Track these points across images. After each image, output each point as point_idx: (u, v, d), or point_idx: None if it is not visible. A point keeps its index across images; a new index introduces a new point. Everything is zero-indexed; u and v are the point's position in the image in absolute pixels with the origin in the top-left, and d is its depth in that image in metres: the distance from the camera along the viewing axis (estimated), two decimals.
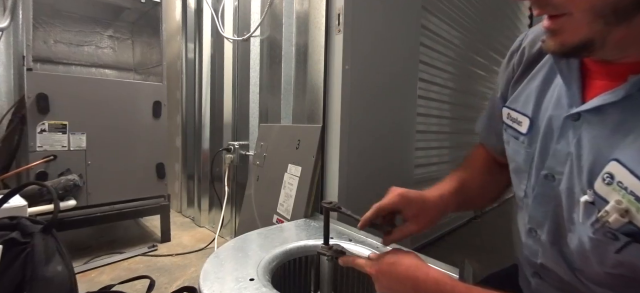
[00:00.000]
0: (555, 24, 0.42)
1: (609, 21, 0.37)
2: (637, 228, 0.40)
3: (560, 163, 0.50)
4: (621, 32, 0.38)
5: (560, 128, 0.50)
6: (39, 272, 0.95)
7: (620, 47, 0.40)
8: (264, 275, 0.74)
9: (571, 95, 0.48)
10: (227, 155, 1.92)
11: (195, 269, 1.66)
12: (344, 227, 1.12)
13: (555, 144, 0.51)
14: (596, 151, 0.44)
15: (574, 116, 0.47)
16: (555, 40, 0.42)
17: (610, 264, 0.44)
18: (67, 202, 1.62)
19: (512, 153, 0.61)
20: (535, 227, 0.56)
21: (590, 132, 0.45)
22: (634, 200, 0.39)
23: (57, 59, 2.21)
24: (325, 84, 1.34)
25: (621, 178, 0.41)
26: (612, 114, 0.43)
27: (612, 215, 0.41)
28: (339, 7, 1.27)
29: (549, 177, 0.51)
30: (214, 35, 2.17)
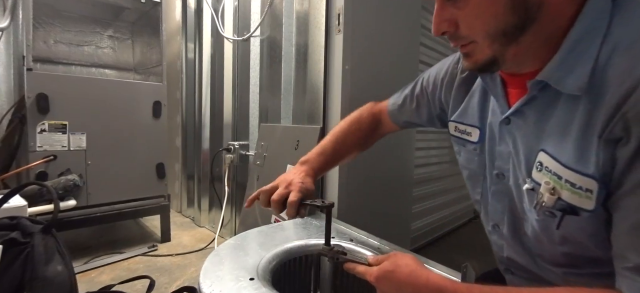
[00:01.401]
0: (466, 50, 0.53)
1: (502, 42, 0.49)
2: (565, 202, 0.48)
3: (505, 162, 0.59)
4: (513, 50, 0.49)
5: (499, 132, 0.59)
6: (39, 272, 0.95)
7: (516, 61, 0.51)
8: (264, 275, 0.74)
9: (500, 104, 0.59)
10: (227, 155, 1.92)
11: (195, 269, 1.66)
12: (346, 226, 1.12)
13: (498, 146, 0.60)
14: (527, 146, 0.54)
15: (505, 121, 0.57)
16: (470, 61, 0.54)
17: (558, 241, 0.52)
18: (67, 202, 1.62)
19: (465, 161, 0.70)
20: (497, 223, 0.64)
21: (519, 132, 0.55)
22: (557, 179, 0.48)
23: (57, 59, 2.21)
24: (325, 84, 1.34)
25: (547, 163, 0.50)
26: (530, 113, 0.53)
27: (545, 195, 0.50)
28: (339, 7, 1.27)
29: (500, 176, 0.61)
30: (214, 35, 2.17)
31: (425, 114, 0.80)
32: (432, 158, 2.09)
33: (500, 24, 0.47)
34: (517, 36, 0.48)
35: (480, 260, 0.60)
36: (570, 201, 0.47)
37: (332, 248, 0.72)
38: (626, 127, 0.41)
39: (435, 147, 2.12)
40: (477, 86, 0.66)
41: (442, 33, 0.53)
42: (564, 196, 0.48)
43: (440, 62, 0.77)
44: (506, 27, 0.47)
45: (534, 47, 0.49)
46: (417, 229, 1.96)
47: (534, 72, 0.51)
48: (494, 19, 0.48)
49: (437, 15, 0.53)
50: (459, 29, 0.52)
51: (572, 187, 0.47)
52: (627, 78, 0.41)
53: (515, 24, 0.47)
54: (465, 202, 2.55)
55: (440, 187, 2.20)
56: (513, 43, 0.48)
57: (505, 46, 0.49)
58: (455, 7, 0.50)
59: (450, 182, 2.32)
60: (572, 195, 0.47)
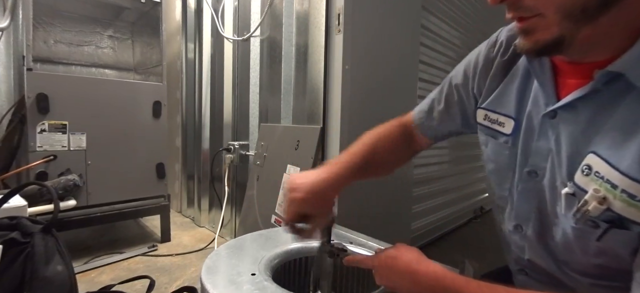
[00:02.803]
0: (528, 24, 0.45)
1: (578, 20, 0.41)
2: (615, 214, 0.42)
3: (542, 159, 0.52)
4: (588, 31, 0.41)
5: (540, 126, 0.52)
6: (39, 272, 0.95)
7: (586, 45, 0.43)
8: (265, 271, 0.74)
9: (546, 94, 0.51)
10: (227, 155, 1.92)
11: (195, 269, 1.66)
12: (345, 230, 1.12)
13: (536, 141, 0.53)
14: (573, 145, 0.47)
15: (550, 114, 0.50)
16: (529, 39, 0.45)
17: (593, 252, 0.47)
18: (67, 202, 1.62)
19: (492, 154, 0.62)
20: (521, 223, 0.58)
21: (567, 128, 0.48)
22: (610, 187, 0.42)
23: (57, 59, 2.21)
24: (325, 84, 1.34)
25: (598, 168, 0.44)
26: (584, 109, 0.46)
27: (591, 203, 0.44)
28: (339, 7, 1.27)
29: (532, 174, 0.54)
30: (214, 35, 2.17)
31: (458, 115, 0.69)
32: (432, 159, 2.09)
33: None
34: (597, 15, 0.40)
35: (480, 260, 0.59)
36: (624, 213, 0.42)
37: (333, 245, 0.72)
38: None
39: (435, 147, 2.12)
40: (518, 70, 0.58)
41: (501, 0, 0.44)
42: (616, 207, 0.42)
43: (469, 54, 0.68)
44: (588, 2, 0.39)
45: (611, 32, 0.42)
46: (417, 229, 1.96)
47: (601, 62, 0.44)
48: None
49: None
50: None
51: (630, 198, 0.41)
52: None
53: (598, 1, 0.39)
54: (466, 202, 2.55)
55: (440, 187, 2.20)
56: (590, 23, 0.41)
57: (578, 25, 0.41)
58: None
59: (450, 182, 2.32)
60: (628, 207, 0.41)
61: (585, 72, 0.46)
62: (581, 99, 0.46)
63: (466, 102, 0.68)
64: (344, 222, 1.23)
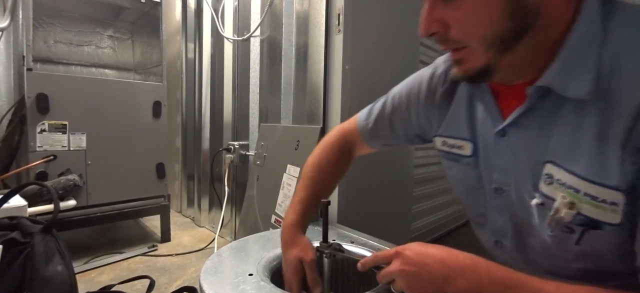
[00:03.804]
0: (459, 55, 0.50)
1: (499, 49, 0.46)
2: (586, 217, 0.45)
3: (504, 175, 0.55)
4: (509, 58, 0.46)
5: (494, 145, 0.55)
6: (39, 272, 0.95)
7: (511, 70, 0.48)
8: (263, 272, 0.74)
9: (492, 116, 0.55)
10: (227, 155, 1.92)
11: (195, 269, 1.66)
12: (346, 229, 1.12)
13: (495, 159, 0.56)
14: (530, 158, 0.50)
15: (500, 133, 0.53)
16: (461, 68, 0.50)
17: (574, 256, 0.49)
18: (67, 202, 1.62)
19: (459, 175, 0.65)
20: (500, 238, 0.60)
21: (519, 143, 0.52)
22: (574, 192, 0.45)
23: (57, 59, 2.21)
24: (325, 84, 1.34)
25: (559, 176, 0.47)
26: (530, 124, 0.50)
27: (562, 210, 0.46)
28: (339, 7, 1.27)
29: (499, 190, 0.56)
30: (214, 35, 2.17)
31: (402, 135, 0.76)
32: (432, 159, 2.09)
33: (497, 29, 0.44)
34: (514, 43, 0.45)
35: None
36: (593, 215, 0.44)
37: (330, 246, 0.72)
38: None
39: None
40: (460, 96, 0.62)
41: (431, 34, 0.49)
42: (584, 211, 0.44)
43: (410, 78, 0.73)
44: (503, 33, 0.45)
45: (530, 56, 0.47)
46: (417, 229, 1.96)
47: (531, 82, 0.48)
48: (490, 24, 0.45)
49: (427, 14, 0.48)
50: (451, 31, 0.48)
51: (593, 200, 0.43)
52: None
53: (513, 30, 0.44)
54: None
55: (440, 187, 2.20)
56: (509, 50, 0.46)
57: (500, 53, 0.46)
58: (448, 7, 0.46)
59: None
60: (594, 209, 0.44)
61: (520, 93, 0.50)
62: (523, 115, 0.50)
63: (408, 126, 0.73)
64: (344, 221, 1.23)
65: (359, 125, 0.82)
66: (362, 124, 0.81)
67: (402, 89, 0.74)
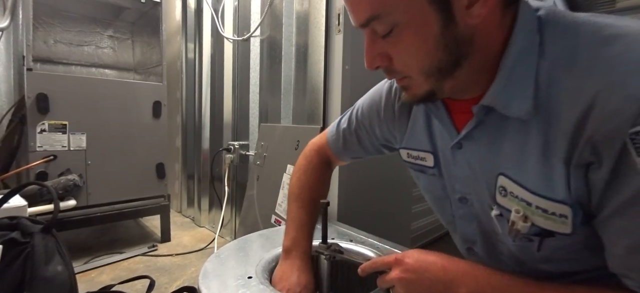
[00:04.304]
0: (403, 83, 0.52)
1: (438, 78, 0.47)
2: (540, 228, 0.46)
3: (465, 185, 0.56)
4: (450, 83, 0.48)
5: (452, 156, 0.56)
6: (39, 272, 0.95)
7: (455, 91, 0.50)
8: (263, 274, 0.74)
9: (447, 129, 0.56)
10: (227, 155, 1.92)
11: (195, 269, 1.66)
12: (345, 227, 1.12)
13: (455, 170, 0.57)
14: (485, 170, 0.51)
15: (457, 145, 0.54)
16: (408, 94, 0.53)
17: (539, 260, 0.50)
18: (67, 202, 1.62)
19: (426, 185, 0.66)
20: (471, 246, 0.61)
21: (474, 156, 0.53)
22: (526, 205, 0.46)
23: (57, 59, 2.21)
24: (325, 84, 1.34)
25: (511, 189, 0.48)
26: (481, 137, 0.51)
27: (518, 223, 0.47)
28: (339, 7, 1.27)
29: (463, 200, 0.58)
30: (214, 35, 2.17)
31: (369, 147, 0.77)
32: None
33: (433, 61, 0.46)
34: (452, 71, 0.46)
35: None
36: (546, 226, 0.45)
37: (329, 247, 0.72)
38: (595, 152, 0.38)
39: None
40: (417, 110, 0.63)
41: (376, 67, 0.51)
42: (537, 222, 0.46)
43: (371, 91, 0.74)
44: (440, 64, 0.46)
45: (472, 77, 0.48)
46: (417, 229, 1.96)
47: (478, 97, 0.49)
48: (426, 57, 0.46)
49: (368, 49, 0.50)
50: (394, 63, 0.49)
51: (544, 213, 0.45)
52: (579, 96, 0.39)
53: (449, 60, 0.45)
54: None
55: None
56: (449, 76, 0.47)
57: (441, 80, 0.48)
58: (387, 43, 0.48)
59: None
60: (545, 221, 0.45)
61: (468, 108, 0.51)
62: (474, 129, 0.51)
63: (374, 138, 0.74)
64: (345, 221, 1.23)
65: (329, 141, 0.83)
66: (331, 140, 0.83)
67: (363, 103, 0.75)
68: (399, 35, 0.46)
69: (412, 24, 0.44)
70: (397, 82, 0.53)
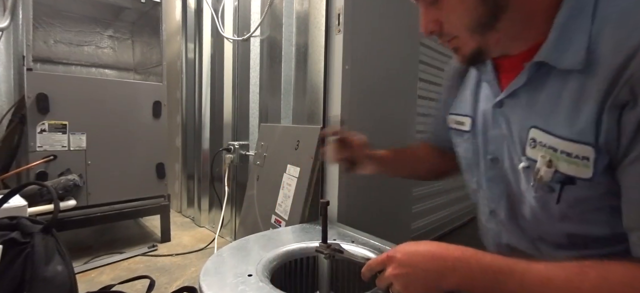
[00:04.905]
0: (453, 44, 0.59)
1: (481, 32, 0.54)
2: (562, 174, 0.50)
3: (499, 145, 0.61)
4: (494, 37, 0.54)
5: (492, 117, 0.62)
6: (39, 272, 0.95)
7: (501, 45, 0.56)
8: (263, 272, 0.74)
9: (493, 90, 0.62)
10: (227, 155, 1.92)
11: (195, 269, 1.66)
12: (346, 228, 1.12)
13: (492, 130, 0.63)
14: (520, 125, 0.56)
15: (498, 104, 0.60)
16: (459, 55, 0.60)
17: (557, 217, 0.53)
18: (67, 202, 1.61)
19: (462, 151, 0.73)
20: (494, 209, 0.66)
21: (513, 113, 0.58)
22: (552, 151, 0.50)
23: (57, 59, 2.21)
24: (325, 84, 1.34)
25: (540, 138, 0.52)
26: (523, 94, 0.56)
27: (542, 169, 0.51)
28: (339, 7, 1.27)
29: (495, 160, 0.63)
30: (214, 35, 2.17)
31: (442, 121, 0.83)
32: None
33: (474, 15, 0.53)
34: (493, 23, 0.52)
35: None
36: (568, 172, 0.49)
37: (329, 246, 0.72)
38: (633, 91, 0.41)
39: None
40: (469, 77, 0.70)
41: (430, 33, 0.59)
42: (561, 168, 0.50)
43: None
44: (480, 18, 0.52)
45: (515, 30, 0.53)
46: (417, 229, 1.96)
47: (525, 53, 0.54)
48: (467, 13, 0.53)
49: (423, 17, 0.58)
50: (443, 27, 0.57)
51: (568, 157, 0.49)
52: (624, 45, 0.42)
53: (487, 13, 0.52)
54: (466, 202, 2.55)
55: (440, 187, 2.20)
56: (491, 30, 0.53)
57: (485, 35, 0.54)
58: (436, 8, 0.56)
59: (450, 182, 2.32)
60: (569, 165, 0.49)
61: (517, 64, 0.56)
62: (519, 87, 0.56)
63: (444, 111, 0.81)
64: (344, 220, 1.23)
65: (427, 134, 0.95)
66: (429, 131, 0.94)
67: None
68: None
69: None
70: (449, 45, 0.59)
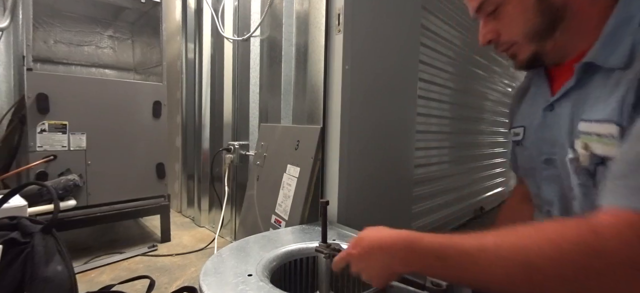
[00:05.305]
0: (511, 51, 0.65)
1: (539, 39, 0.60)
2: (597, 156, 0.53)
3: (552, 146, 0.64)
4: (551, 44, 0.61)
5: (543, 119, 0.66)
6: (39, 272, 0.95)
7: (557, 51, 0.62)
8: (263, 272, 0.74)
9: (544, 94, 0.67)
10: (227, 155, 1.92)
11: (195, 269, 1.66)
12: (346, 229, 1.12)
13: (544, 133, 0.66)
14: (569, 122, 0.59)
15: (549, 107, 0.65)
16: (517, 60, 0.66)
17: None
18: (67, 202, 1.61)
19: (521, 160, 0.76)
20: (549, 209, 0.68)
21: (563, 113, 0.61)
22: (588, 136, 0.54)
23: (57, 59, 2.21)
24: (325, 84, 1.34)
25: (582, 128, 0.56)
26: (572, 94, 0.60)
27: (581, 154, 0.55)
28: (339, 7, 1.27)
29: (549, 161, 0.65)
30: (214, 35, 2.17)
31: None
32: (432, 159, 2.09)
33: (532, 25, 0.59)
34: (550, 33, 0.59)
35: None
36: (601, 152, 0.52)
37: (329, 246, 0.72)
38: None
39: (435, 147, 2.12)
40: (526, 91, 0.76)
41: (488, 41, 0.65)
42: (595, 149, 0.53)
43: None
44: (538, 27, 0.59)
45: (570, 40, 0.59)
46: (417, 229, 1.95)
47: (575, 60, 0.59)
48: (526, 22, 0.59)
49: (482, 28, 0.65)
50: (501, 36, 0.64)
51: (599, 137, 0.52)
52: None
53: (545, 24, 0.58)
54: (466, 202, 2.55)
55: (440, 187, 2.20)
56: (549, 39, 0.60)
57: (542, 42, 0.60)
58: (495, 19, 0.63)
59: (450, 182, 2.32)
60: (602, 146, 0.52)
61: (568, 70, 0.61)
62: (570, 88, 0.60)
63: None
64: (344, 221, 1.23)
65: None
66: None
67: None
68: (504, 10, 0.61)
69: (513, 0, 0.59)
70: (506, 52, 0.65)
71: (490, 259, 0.46)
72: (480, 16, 0.65)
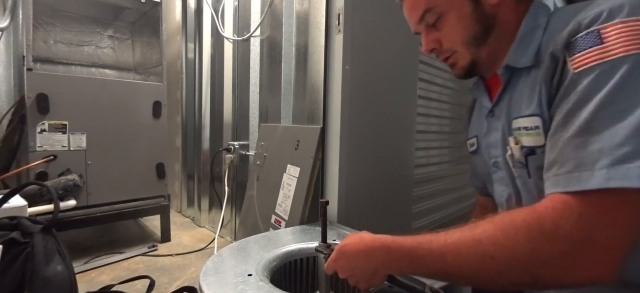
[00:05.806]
0: (451, 60, 0.71)
1: (476, 45, 0.66)
2: (526, 147, 0.58)
3: (496, 149, 0.68)
4: (486, 50, 0.66)
5: (488, 126, 0.71)
6: (39, 272, 0.95)
7: (490, 59, 0.67)
8: (263, 272, 0.74)
9: (485, 102, 0.72)
10: (227, 155, 1.92)
11: (195, 269, 1.66)
12: (346, 229, 1.12)
13: (489, 138, 0.71)
14: (506, 123, 0.64)
15: (490, 113, 0.70)
16: (456, 68, 0.71)
17: (536, 194, 0.59)
18: (67, 202, 1.61)
19: (479, 168, 0.81)
20: (502, 209, 0.72)
21: (500, 116, 0.66)
22: (517, 130, 0.60)
23: (57, 59, 2.21)
24: (325, 84, 1.34)
25: (515, 126, 0.61)
26: (505, 97, 0.66)
27: (513, 149, 0.61)
28: (339, 7, 1.27)
29: (495, 163, 0.70)
30: (214, 35, 2.17)
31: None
32: (432, 159, 2.09)
33: (470, 32, 0.65)
34: (485, 38, 0.65)
35: None
36: (529, 143, 0.58)
37: (329, 246, 0.72)
38: (554, 58, 0.52)
39: (435, 147, 2.12)
40: (476, 108, 0.80)
41: (431, 50, 0.70)
42: (524, 142, 0.58)
43: None
44: (475, 34, 0.65)
45: (500, 46, 0.65)
46: (417, 229, 1.96)
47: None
48: (465, 30, 0.65)
49: (425, 38, 0.70)
50: (443, 45, 0.69)
51: (526, 130, 0.58)
52: (556, 38, 0.53)
53: (481, 31, 0.64)
54: (466, 202, 2.55)
55: (440, 187, 2.20)
56: (483, 45, 0.65)
57: (478, 48, 0.66)
58: (436, 29, 0.68)
59: (450, 182, 2.32)
60: (528, 138, 0.58)
61: (498, 79, 0.67)
62: (501, 93, 0.66)
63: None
64: (344, 221, 1.23)
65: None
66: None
67: None
68: (444, 20, 0.66)
69: (452, 10, 0.64)
70: (446, 61, 0.71)
71: (454, 254, 0.51)
72: (421, 28, 0.70)
